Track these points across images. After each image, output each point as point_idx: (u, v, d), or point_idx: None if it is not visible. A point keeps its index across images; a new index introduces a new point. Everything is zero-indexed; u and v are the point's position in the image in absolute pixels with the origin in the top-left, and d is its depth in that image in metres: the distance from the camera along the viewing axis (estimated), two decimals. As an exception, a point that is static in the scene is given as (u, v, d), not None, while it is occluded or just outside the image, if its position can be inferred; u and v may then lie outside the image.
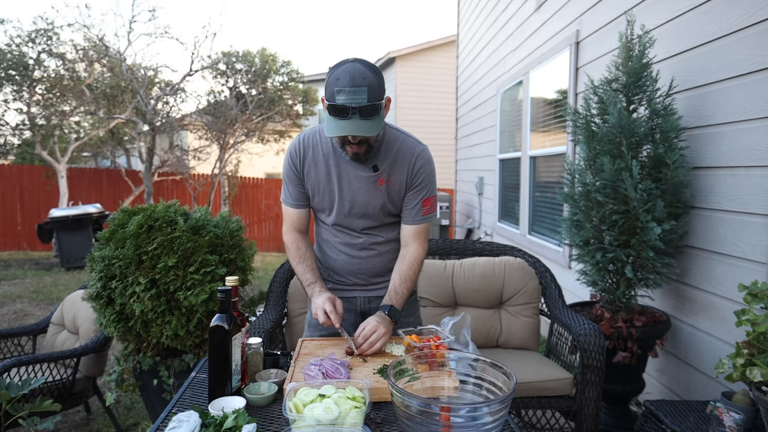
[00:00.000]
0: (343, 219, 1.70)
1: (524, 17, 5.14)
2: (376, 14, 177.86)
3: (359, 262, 1.75)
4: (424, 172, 1.66)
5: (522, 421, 2.39)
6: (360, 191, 1.65)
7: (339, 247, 1.75)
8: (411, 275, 1.68)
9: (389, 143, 1.64)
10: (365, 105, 1.41)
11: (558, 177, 4.18)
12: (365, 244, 1.73)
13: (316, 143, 1.66)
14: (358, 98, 1.40)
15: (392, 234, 1.75)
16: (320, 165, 1.66)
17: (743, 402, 1.68)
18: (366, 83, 1.41)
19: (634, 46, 2.51)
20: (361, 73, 1.42)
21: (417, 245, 1.70)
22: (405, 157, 1.64)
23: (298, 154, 1.67)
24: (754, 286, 1.68)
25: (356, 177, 1.64)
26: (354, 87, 1.40)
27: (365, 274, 1.77)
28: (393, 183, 1.65)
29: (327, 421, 1.04)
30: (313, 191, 1.70)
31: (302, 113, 11.97)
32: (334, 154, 1.64)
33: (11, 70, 8.73)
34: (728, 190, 2.24)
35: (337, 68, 1.45)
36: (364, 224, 1.71)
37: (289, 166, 1.69)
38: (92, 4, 21.67)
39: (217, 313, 1.25)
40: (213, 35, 9.73)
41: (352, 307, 1.80)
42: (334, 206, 1.68)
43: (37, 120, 9.25)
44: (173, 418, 1.09)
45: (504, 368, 1.10)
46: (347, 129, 1.43)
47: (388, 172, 1.64)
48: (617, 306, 2.56)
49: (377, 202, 1.66)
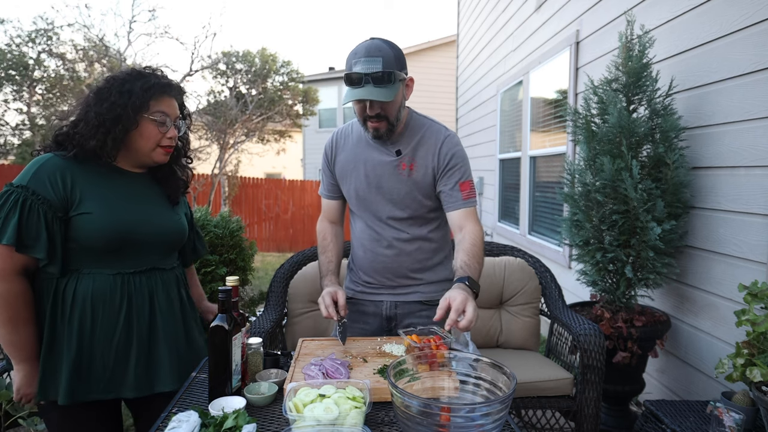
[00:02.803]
0: (369, 205, 1.71)
1: (524, 17, 5.14)
2: (376, 14, 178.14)
3: (384, 260, 1.73)
4: (452, 155, 1.64)
5: (522, 421, 2.39)
6: (384, 176, 1.67)
7: (366, 244, 1.75)
8: (476, 251, 1.55)
9: (414, 129, 1.67)
10: (378, 72, 1.47)
11: (558, 177, 4.18)
12: (390, 239, 1.72)
13: (348, 134, 1.75)
14: (372, 66, 1.47)
15: (419, 231, 1.72)
16: (349, 154, 1.72)
17: (743, 402, 1.68)
18: (380, 54, 1.49)
19: (634, 46, 2.51)
20: (377, 46, 1.51)
21: (471, 226, 1.61)
22: (430, 143, 1.66)
23: (332, 146, 1.78)
24: (754, 286, 1.68)
25: (380, 162, 1.67)
26: (368, 57, 1.48)
27: (391, 273, 1.75)
28: (417, 168, 1.65)
29: (327, 421, 1.04)
30: (342, 179, 1.75)
31: (302, 113, 11.97)
32: (361, 143, 1.70)
33: (11, 70, 8.73)
34: (728, 190, 2.24)
35: (357, 45, 1.54)
36: (389, 212, 1.70)
37: (323, 158, 1.80)
38: (92, 4, 21.67)
39: (218, 313, 1.25)
40: (213, 35, 9.79)
41: (378, 311, 1.78)
42: (361, 191, 1.71)
43: (37, 120, 9.25)
44: (173, 418, 1.09)
45: (504, 368, 1.10)
46: (359, 94, 1.49)
47: (411, 156, 1.65)
48: (617, 306, 2.56)
49: (401, 187, 1.66)
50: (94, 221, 1.36)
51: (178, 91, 1.54)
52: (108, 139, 1.40)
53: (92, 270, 1.39)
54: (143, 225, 1.45)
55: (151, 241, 1.47)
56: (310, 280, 2.47)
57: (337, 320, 1.58)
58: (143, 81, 1.44)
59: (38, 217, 1.30)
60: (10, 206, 1.29)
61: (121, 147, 1.45)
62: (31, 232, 1.29)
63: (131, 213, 1.44)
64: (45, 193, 1.32)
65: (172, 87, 1.50)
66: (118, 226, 1.39)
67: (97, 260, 1.39)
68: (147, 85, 1.43)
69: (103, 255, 1.39)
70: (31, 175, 1.34)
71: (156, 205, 1.53)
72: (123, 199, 1.44)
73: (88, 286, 1.37)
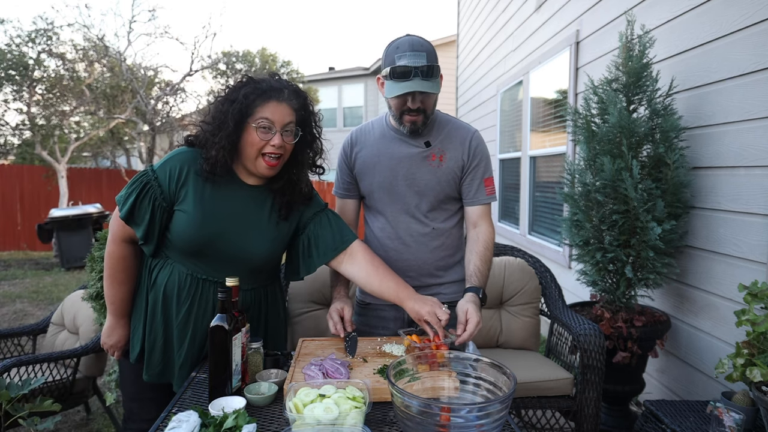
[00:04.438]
0: (393, 197, 1.70)
1: (524, 17, 5.14)
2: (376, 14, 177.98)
3: (407, 257, 1.71)
4: (481, 151, 1.71)
5: (522, 421, 2.39)
6: (413, 166, 1.67)
7: (386, 242, 1.73)
8: (489, 256, 1.68)
9: (441, 123, 1.71)
10: (426, 65, 1.50)
11: (558, 177, 4.18)
12: (415, 234, 1.70)
13: (368, 131, 1.75)
14: (419, 60, 1.50)
15: (442, 224, 1.72)
16: (372, 148, 1.71)
17: (743, 402, 1.68)
18: (424, 49, 1.53)
19: (634, 46, 2.51)
20: (419, 41, 1.54)
21: (487, 225, 1.71)
22: (459, 136, 1.70)
23: (351, 143, 1.76)
24: (754, 286, 1.68)
25: (408, 155, 1.67)
26: (414, 51, 1.51)
27: (415, 271, 1.72)
28: (447, 160, 1.67)
29: (327, 421, 1.04)
30: (362, 173, 1.72)
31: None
32: (385, 138, 1.70)
33: (11, 70, 8.73)
34: (728, 190, 2.24)
35: (396, 41, 1.57)
36: (416, 202, 1.69)
37: (341, 155, 1.78)
38: (92, 4, 21.68)
39: (218, 313, 1.25)
40: (213, 35, 9.80)
41: (400, 315, 1.75)
42: (384, 183, 1.69)
43: (37, 120, 9.25)
44: (173, 418, 1.09)
45: (504, 368, 1.10)
46: (410, 87, 1.50)
47: (441, 148, 1.67)
48: (617, 306, 2.56)
49: (431, 178, 1.67)
50: (183, 222, 1.43)
51: (292, 95, 1.44)
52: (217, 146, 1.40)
53: (175, 263, 1.48)
54: (220, 239, 1.44)
55: (224, 258, 1.46)
56: (310, 280, 2.46)
57: (344, 336, 1.57)
58: (250, 87, 1.41)
59: (149, 201, 1.42)
60: (136, 185, 1.43)
61: (234, 155, 1.45)
62: (140, 212, 1.42)
63: (215, 225, 1.44)
64: (162, 182, 1.43)
65: (281, 92, 1.42)
66: (199, 233, 1.43)
67: (181, 256, 1.47)
68: (250, 91, 1.40)
69: (183, 253, 1.46)
70: (162, 163, 1.46)
71: (250, 222, 1.48)
72: (216, 209, 1.44)
73: (166, 275, 1.48)
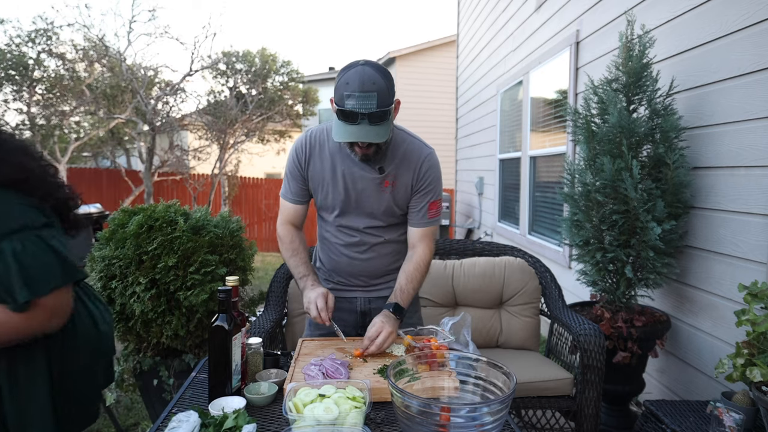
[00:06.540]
0: (347, 218, 1.71)
1: (524, 17, 5.14)
2: (376, 14, 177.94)
3: (360, 264, 1.75)
4: (430, 175, 1.66)
5: (522, 421, 2.39)
6: (365, 192, 1.65)
7: (340, 249, 1.76)
8: (417, 276, 1.68)
9: (395, 145, 1.64)
10: (374, 111, 1.40)
11: (558, 177, 4.18)
12: (366, 245, 1.73)
13: (323, 141, 1.66)
14: (368, 104, 1.39)
15: (393, 234, 1.75)
16: (326, 163, 1.65)
17: (743, 402, 1.68)
18: (375, 88, 1.40)
19: (634, 46, 2.51)
20: (371, 77, 1.40)
21: (424, 247, 1.71)
22: (411, 160, 1.64)
23: (304, 150, 1.67)
24: (754, 286, 1.68)
25: (362, 178, 1.64)
26: (363, 92, 1.39)
27: (366, 275, 1.78)
28: (398, 186, 1.65)
29: (327, 421, 1.04)
30: (317, 188, 1.69)
31: (302, 113, 11.97)
32: (341, 153, 1.64)
33: (11, 70, 8.72)
34: (728, 190, 2.24)
35: (347, 71, 1.43)
36: (366, 223, 1.71)
37: (293, 161, 1.69)
38: (92, 4, 21.67)
39: (218, 313, 1.25)
40: (213, 35, 9.80)
41: (352, 307, 1.80)
42: (339, 204, 1.68)
43: (37, 120, 9.24)
44: (173, 418, 1.09)
45: (504, 368, 1.10)
46: (355, 135, 1.43)
47: (394, 174, 1.64)
48: (617, 306, 2.56)
49: (382, 203, 1.66)
50: None
51: None
52: None
53: None
54: None
55: None
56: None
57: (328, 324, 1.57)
58: None
59: None
60: None
61: None
62: None
63: None
64: None
65: None
66: None
67: None
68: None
69: None
70: None
71: None
72: None
73: None
